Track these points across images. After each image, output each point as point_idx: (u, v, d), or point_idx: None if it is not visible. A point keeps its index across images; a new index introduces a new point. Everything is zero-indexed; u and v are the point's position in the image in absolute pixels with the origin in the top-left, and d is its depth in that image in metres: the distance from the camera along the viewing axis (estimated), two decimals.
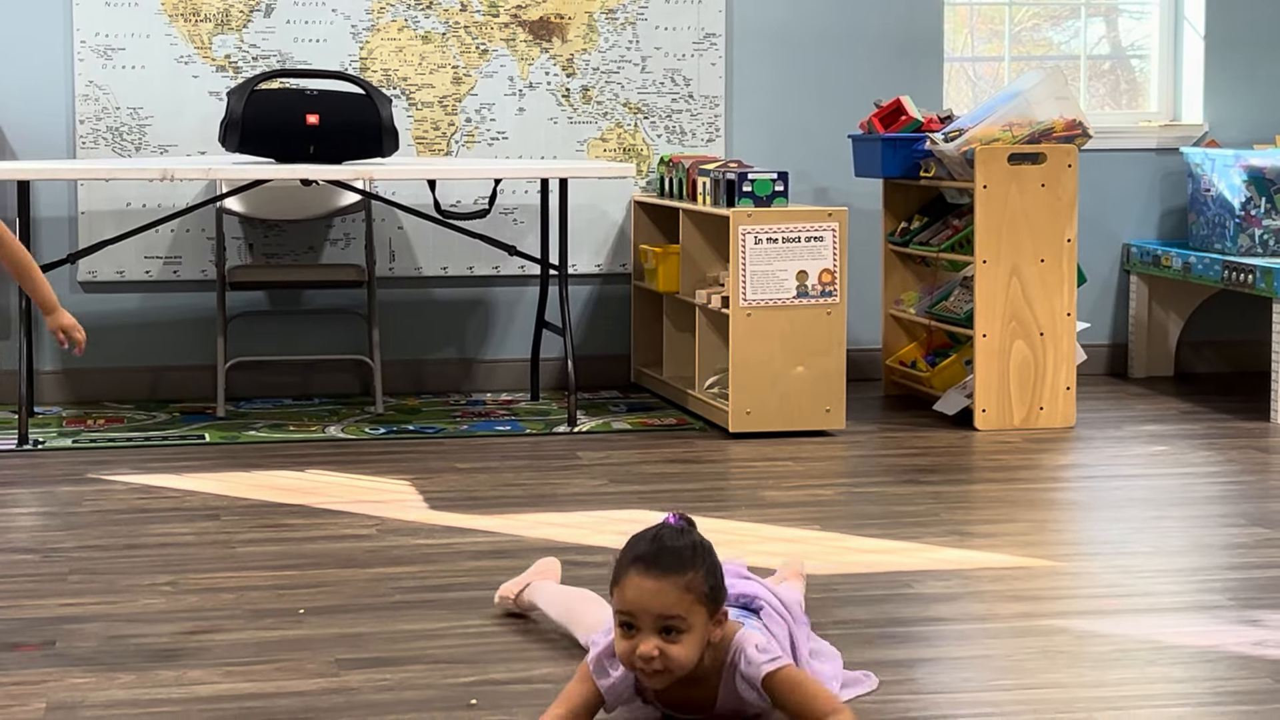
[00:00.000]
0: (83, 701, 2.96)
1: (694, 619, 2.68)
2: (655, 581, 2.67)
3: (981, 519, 4.37)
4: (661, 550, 2.70)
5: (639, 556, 2.70)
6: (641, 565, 2.69)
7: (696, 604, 2.68)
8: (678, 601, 2.67)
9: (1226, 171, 6.32)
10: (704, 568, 2.70)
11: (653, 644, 2.68)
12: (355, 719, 2.87)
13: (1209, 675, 3.13)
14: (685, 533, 2.75)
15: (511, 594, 3.44)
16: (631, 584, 2.68)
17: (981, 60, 7.04)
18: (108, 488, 4.69)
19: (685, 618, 2.67)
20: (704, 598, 2.69)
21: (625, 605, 2.69)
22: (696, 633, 2.69)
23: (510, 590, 3.45)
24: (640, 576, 2.68)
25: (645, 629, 2.68)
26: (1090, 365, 6.44)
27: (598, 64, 6.32)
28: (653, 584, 2.67)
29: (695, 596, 2.68)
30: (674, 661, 2.68)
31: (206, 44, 6.08)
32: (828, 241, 5.42)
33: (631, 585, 2.68)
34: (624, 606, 2.70)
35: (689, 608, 2.67)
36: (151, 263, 6.10)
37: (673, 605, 2.67)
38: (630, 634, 2.70)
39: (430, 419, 5.75)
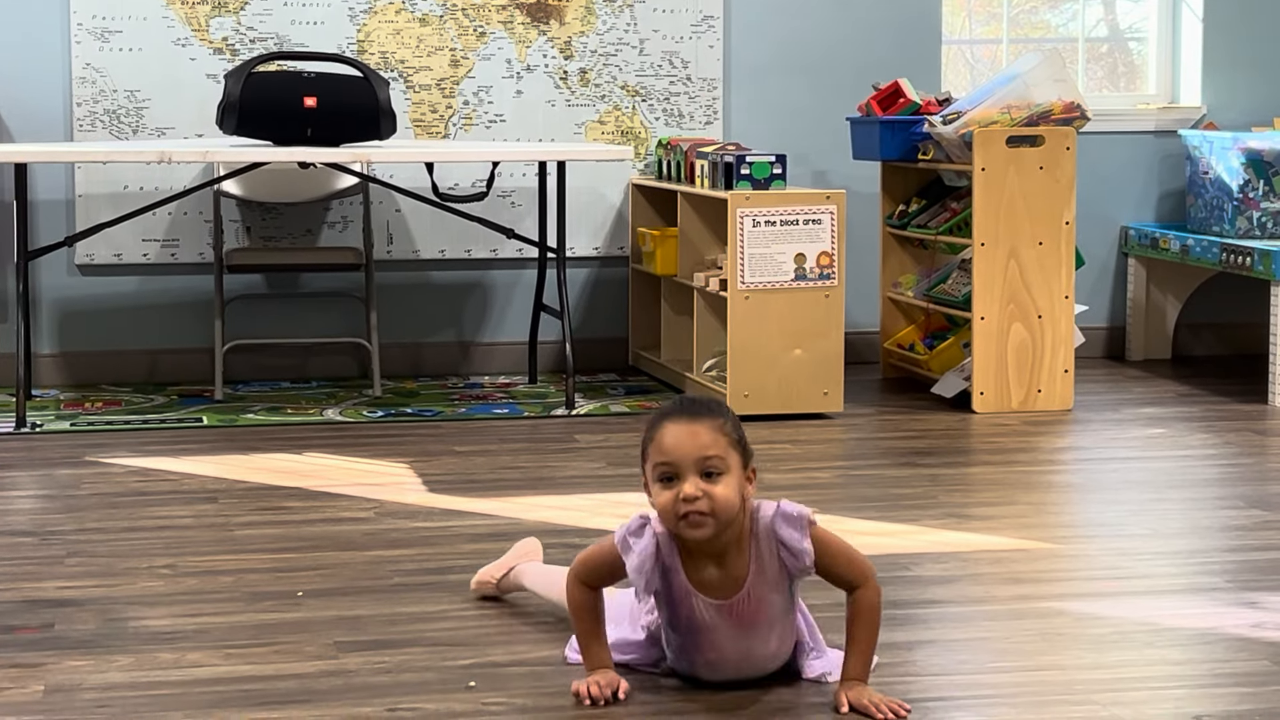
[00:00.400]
0: (81, 684, 2.97)
1: (731, 461, 2.75)
2: (691, 424, 2.75)
3: (979, 501, 4.37)
4: (692, 402, 2.82)
5: (669, 411, 2.79)
6: (675, 415, 2.78)
7: (732, 447, 2.75)
8: (715, 441, 2.74)
9: (1225, 154, 6.31)
10: (732, 418, 2.79)
11: (695, 485, 2.73)
12: (354, 701, 2.87)
13: (1207, 657, 3.13)
14: (711, 399, 2.86)
15: (493, 578, 3.43)
16: (669, 432, 2.76)
17: (979, 43, 7.03)
18: (106, 470, 4.70)
19: (724, 458, 2.74)
20: (737, 444, 2.77)
21: (664, 454, 2.75)
22: (734, 475, 2.75)
23: (492, 575, 3.44)
24: (675, 424, 2.76)
25: (686, 472, 2.74)
26: (1088, 348, 6.44)
27: (595, 46, 6.31)
28: (689, 427, 2.75)
29: (730, 440, 2.76)
30: (718, 501, 2.73)
31: (204, 26, 6.08)
32: (826, 224, 5.42)
33: (669, 433, 2.75)
34: (663, 457, 2.75)
35: (726, 449, 2.75)
36: (149, 245, 6.09)
37: (711, 445, 2.73)
38: (671, 485, 2.75)
39: (428, 402, 5.75)
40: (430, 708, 2.85)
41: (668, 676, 2.96)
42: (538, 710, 2.83)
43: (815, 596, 3.09)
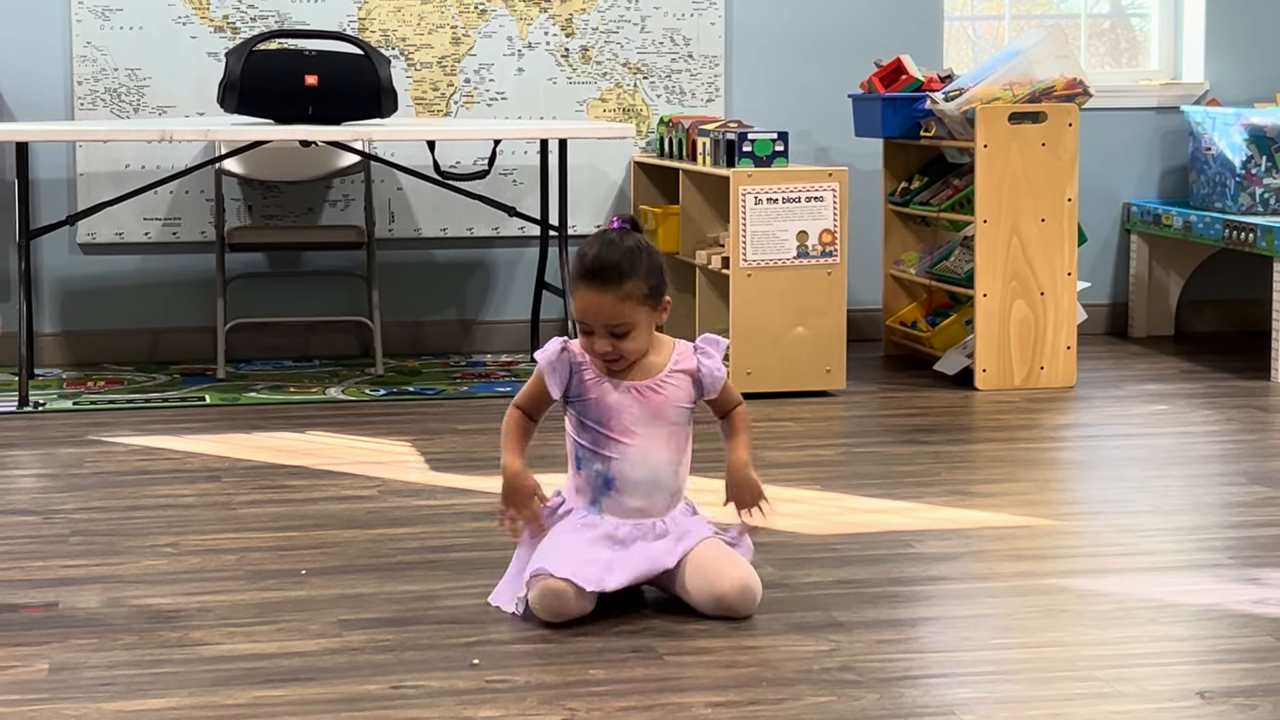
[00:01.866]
0: (85, 663, 2.97)
1: (637, 318, 3.17)
2: (598, 295, 3.15)
3: (982, 478, 4.37)
4: (600, 265, 3.15)
5: (582, 272, 3.17)
6: (585, 280, 3.16)
7: (637, 306, 3.16)
8: (618, 310, 3.14)
9: (1227, 130, 6.30)
10: (641, 272, 3.16)
11: (606, 343, 3.17)
12: (357, 679, 2.88)
13: (1210, 633, 3.14)
14: (625, 236, 3.19)
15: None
16: (580, 296, 3.17)
17: (981, 19, 7.02)
18: (108, 449, 4.70)
19: (629, 320, 3.16)
20: (643, 299, 3.16)
21: (578, 314, 3.19)
22: (642, 327, 3.18)
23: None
24: (585, 290, 3.16)
25: (598, 332, 3.17)
26: (1090, 325, 6.44)
27: (597, 24, 6.29)
28: (596, 297, 3.15)
29: (635, 301, 3.15)
30: (628, 351, 3.19)
31: (204, 4, 6.06)
32: (828, 201, 5.42)
33: (580, 298, 3.17)
34: (578, 316, 3.19)
35: (631, 311, 3.15)
36: (150, 224, 6.09)
37: (615, 314, 3.15)
38: (589, 336, 3.19)
39: (430, 380, 5.75)
40: (434, 685, 2.85)
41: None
42: (541, 688, 2.84)
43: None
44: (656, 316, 3.23)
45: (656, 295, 3.20)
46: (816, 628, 3.12)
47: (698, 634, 3.11)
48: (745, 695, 2.80)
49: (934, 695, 2.81)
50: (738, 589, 3.17)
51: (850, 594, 3.34)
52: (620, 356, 3.20)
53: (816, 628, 3.12)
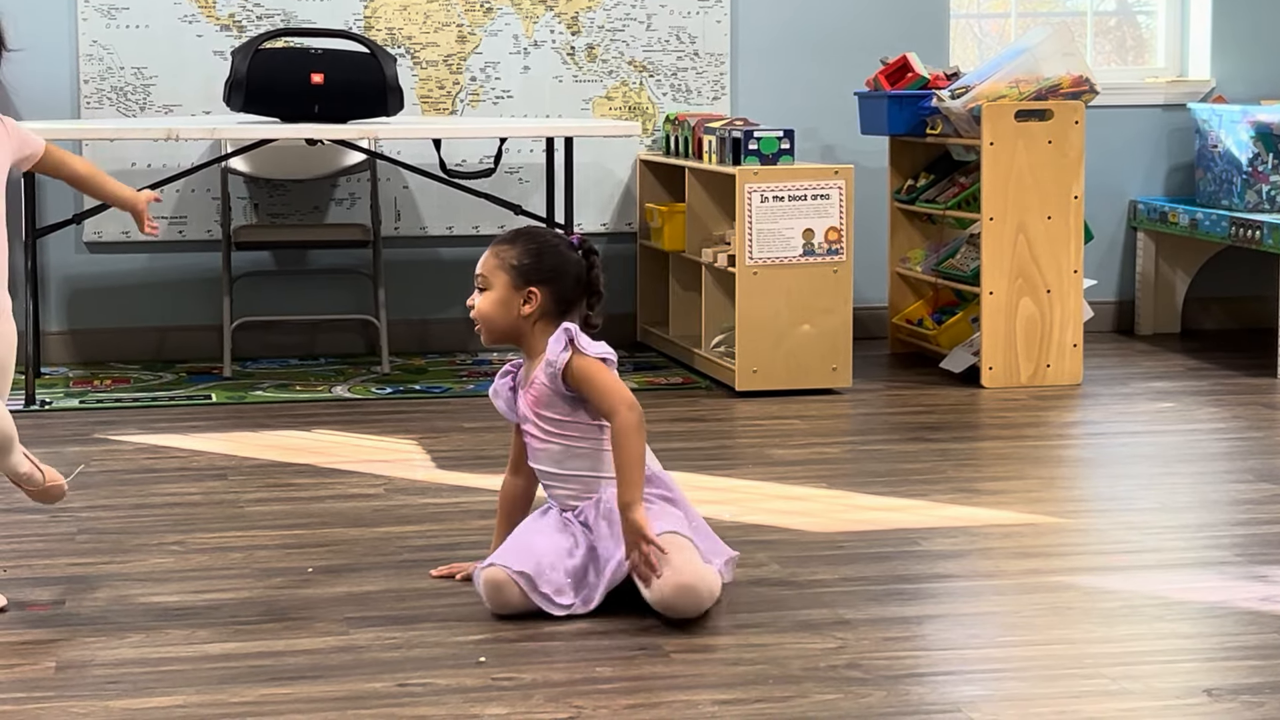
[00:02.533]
0: (92, 660, 2.97)
1: (495, 281, 3.28)
2: (488, 249, 3.32)
3: (988, 476, 4.37)
4: (513, 230, 3.36)
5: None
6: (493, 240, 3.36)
7: (500, 269, 3.28)
8: (484, 263, 3.30)
9: (1234, 127, 6.30)
10: (522, 247, 3.29)
11: (472, 297, 3.32)
12: (364, 677, 2.88)
13: (1217, 630, 3.14)
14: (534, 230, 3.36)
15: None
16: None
17: (987, 17, 7.01)
18: (115, 448, 4.70)
19: (488, 278, 3.29)
20: (509, 268, 3.27)
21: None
22: (497, 293, 3.28)
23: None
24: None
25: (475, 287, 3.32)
26: (1097, 322, 6.43)
27: (602, 22, 6.29)
28: (486, 250, 3.32)
29: (500, 263, 3.28)
30: (476, 312, 3.31)
31: (210, 3, 6.06)
32: (834, 199, 5.41)
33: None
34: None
35: (493, 270, 3.28)
36: (157, 223, 6.07)
37: (481, 266, 3.30)
38: None
39: (436, 378, 5.75)
40: (440, 683, 2.85)
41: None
42: (548, 685, 2.84)
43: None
44: (516, 297, 3.27)
45: (524, 274, 3.27)
46: (823, 625, 3.12)
47: (704, 631, 3.11)
48: (752, 693, 2.80)
49: (941, 693, 2.81)
50: (673, 588, 3.09)
51: (857, 591, 3.34)
52: (475, 319, 3.31)
53: (823, 625, 3.12)
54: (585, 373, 3.24)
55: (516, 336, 3.32)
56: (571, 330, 3.27)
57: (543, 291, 3.27)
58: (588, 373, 3.24)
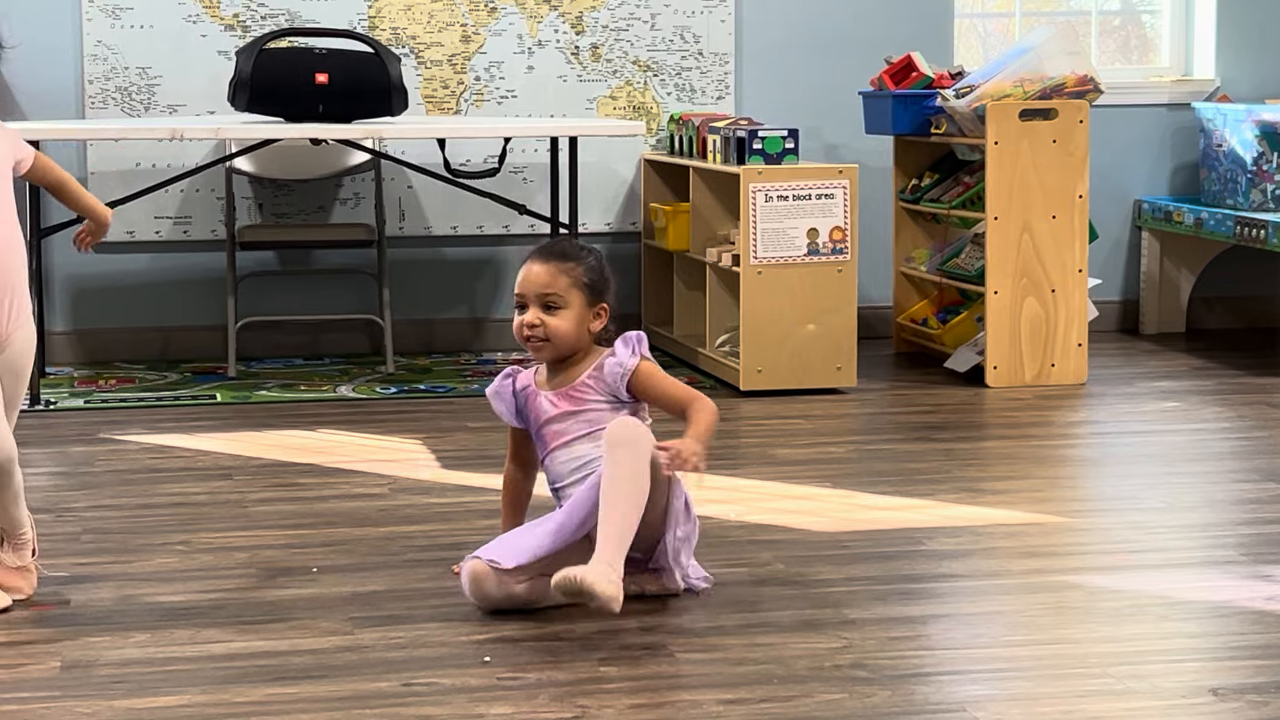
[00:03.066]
0: (97, 660, 2.97)
1: (571, 299, 3.25)
2: (540, 265, 3.27)
3: (993, 475, 4.37)
4: (553, 245, 3.34)
5: (535, 250, 3.33)
6: (534, 255, 3.31)
7: (574, 288, 3.26)
8: (555, 281, 3.25)
9: (1238, 127, 6.29)
10: (587, 264, 3.28)
11: (535, 314, 3.25)
12: (369, 677, 2.88)
13: (1222, 630, 3.13)
14: (581, 244, 3.34)
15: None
16: (524, 270, 3.29)
17: (992, 16, 7.01)
18: (120, 448, 4.70)
19: (563, 296, 3.25)
20: (583, 286, 3.26)
21: (518, 287, 3.29)
22: (574, 311, 3.26)
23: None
24: (531, 263, 3.29)
25: (531, 304, 3.27)
26: (1102, 322, 6.43)
27: (607, 21, 6.29)
28: (538, 268, 3.27)
29: (573, 281, 3.26)
30: (550, 329, 3.25)
31: (215, 3, 6.07)
32: (838, 199, 5.41)
33: (524, 270, 3.29)
34: (517, 289, 3.29)
35: (567, 289, 3.25)
36: (161, 223, 6.10)
37: (551, 284, 3.25)
38: (522, 312, 3.28)
39: (441, 378, 5.75)
40: (445, 682, 2.85)
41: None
42: (553, 685, 2.84)
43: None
44: (590, 316, 3.28)
45: (596, 291, 3.28)
46: (828, 625, 3.12)
47: (709, 631, 3.11)
48: (757, 692, 2.80)
49: (946, 692, 2.81)
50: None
51: (862, 591, 3.34)
52: (546, 338, 3.25)
53: (828, 625, 3.12)
54: (651, 375, 3.29)
55: (577, 350, 3.31)
56: (637, 337, 3.32)
57: (609, 305, 3.32)
58: (654, 375, 3.29)
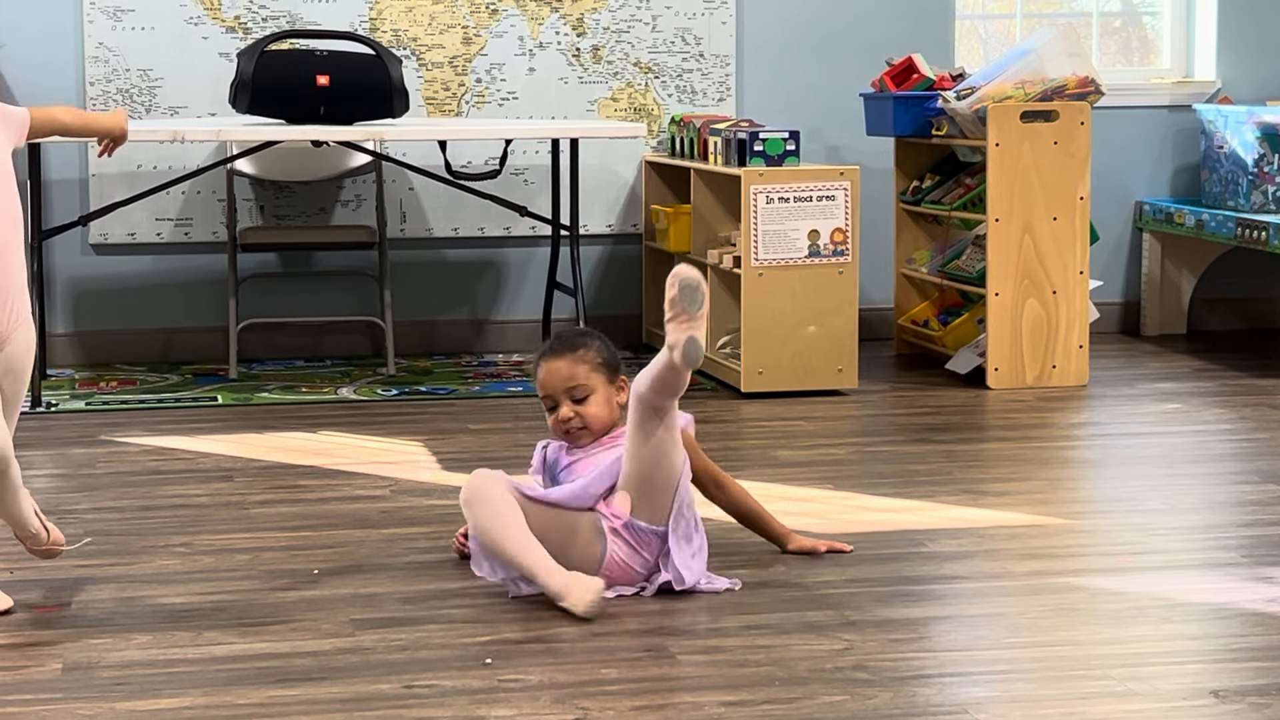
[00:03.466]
0: (99, 662, 2.98)
1: (594, 383, 3.41)
2: (556, 362, 3.43)
3: (994, 477, 4.37)
4: (558, 340, 3.49)
5: (543, 352, 3.49)
6: (545, 354, 3.47)
7: (593, 372, 3.41)
8: (575, 372, 3.40)
9: (1239, 128, 6.29)
10: (596, 345, 3.45)
11: (568, 408, 3.40)
12: (370, 679, 2.88)
13: (1223, 632, 3.13)
14: (582, 329, 3.54)
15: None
16: (542, 370, 3.45)
17: (992, 18, 7.01)
18: (121, 450, 4.70)
19: (586, 383, 3.40)
20: (599, 366, 3.42)
21: (541, 389, 3.45)
22: (600, 392, 3.41)
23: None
24: (546, 362, 3.45)
25: (561, 399, 3.41)
26: (1103, 323, 6.43)
27: (608, 23, 6.30)
28: (554, 364, 3.43)
29: (591, 366, 3.42)
30: (590, 418, 3.41)
31: (216, 5, 6.07)
32: (839, 200, 5.41)
33: (542, 371, 3.45)
34: (541, 390, 3.45)
35: (588, 375, 3.41)
36: (163, 225, 6.10)
37: (572, 375, 3.40)
38: (553, 411, 3.43)
39: (442, 380, 5.75)
40: (446, 685, 2.85)
41: None
42: (554, 687, 2.84)
43: None
44: (614, 391, 3.44)
45: (611, 368, 3.45)
46: (829, 627, 3.12)
47: (710, 633, 3.11)
48: (758, 694, 2.80)
49: (947, 694, 2.81)
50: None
51: (863, 593, 3.34)
52: (584, 425, 3.40)
53: (829, 627, 3.12)
54: (692, 442, 3.49)
55: (611, 425, 3.45)
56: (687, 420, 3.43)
57: (625, 376, 3.46)
58: (694, 442, 3.51)
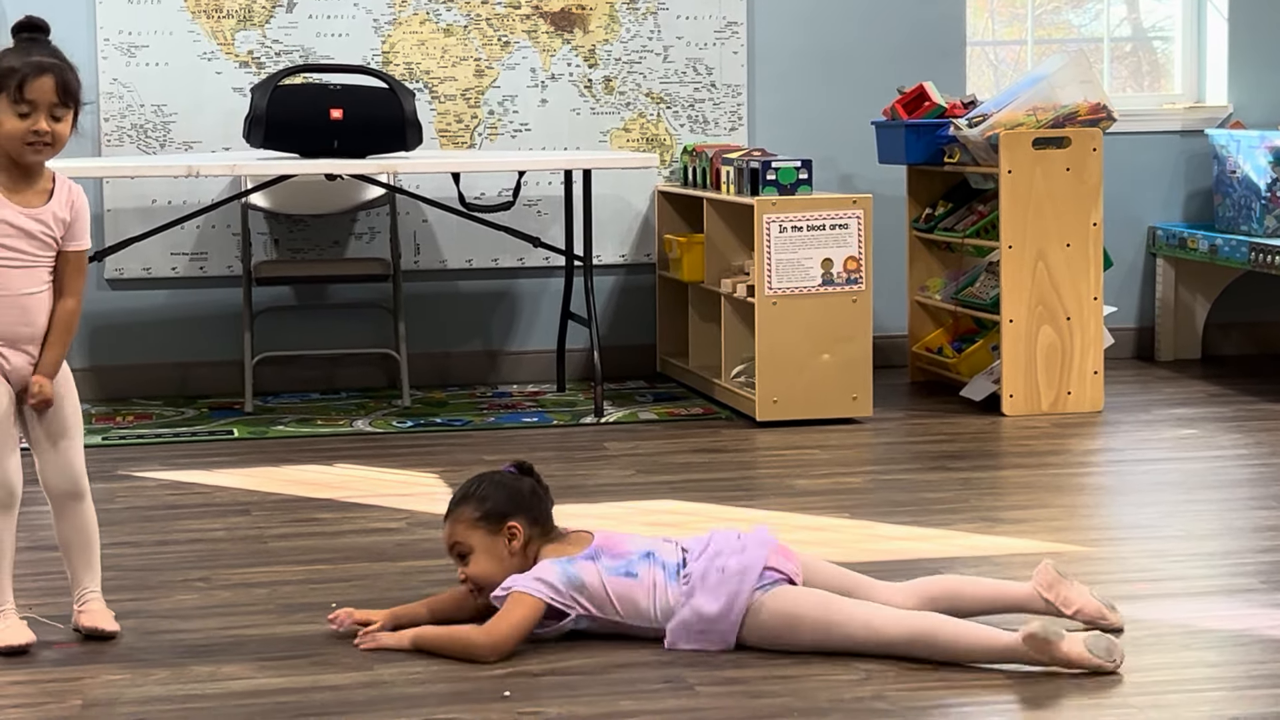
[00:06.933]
0: (119, 698, 2.98)
1: (472, 540, 3.26)
2: (445, 524, 3.31)
3: (1011, 505, 4.36)
4: (453, 498, 3.33)
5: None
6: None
7: (470, 529, 3.26)
8: (452, 532, 3.29)
9: (1252, 153, 6.29)
10: (475, 500, 3.28)
11: (460, 570, 3.29)
12: (389, 713, 2.88)
13: (1243, 659, 3.13)
14: (474, 478, 3.33)
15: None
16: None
17: (1003, 44, 7.02)
18: (138, 484, 4.71)
19: (463, 541, 3.27)
20: (474, 522, 3.26)
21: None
22: (480, 549, 3.26)
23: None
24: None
25: (456, 561, 3.30)
26: (1117, 349, 6.42)
27: (620, 54, 6.32)
28: (444, 526, 3.31)
29: (466, 524, 3.26)
30: (473, 577, 3.26)
31: (229, 40, 6.10)
32: (852, 229, 5.42)
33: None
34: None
35: (464, 534, 3.27)
36: (178, 259, 6.12)
37: (449, 535, 3.30)
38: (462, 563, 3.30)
39: (457, 411, 5.76)
40: (465, 717, 2.85)
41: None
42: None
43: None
44: (501, 541, 3.25)
45: (494, 519, 3.25)
46: (848, 657, 3.12)
47: (728, 664, 3.11)
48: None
49: None
50: None
51: None
52: (475, 587, 3.25)
53: (848, 657, 3.12)
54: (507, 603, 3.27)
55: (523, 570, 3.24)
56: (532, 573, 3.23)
57: (519, 520, 3.27)
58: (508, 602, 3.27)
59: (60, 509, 3.33)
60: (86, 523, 3.35)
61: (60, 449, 3.30)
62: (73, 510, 3.33)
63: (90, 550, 3.36)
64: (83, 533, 3.35)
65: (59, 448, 3.30)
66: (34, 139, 3.23)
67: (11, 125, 3.22)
